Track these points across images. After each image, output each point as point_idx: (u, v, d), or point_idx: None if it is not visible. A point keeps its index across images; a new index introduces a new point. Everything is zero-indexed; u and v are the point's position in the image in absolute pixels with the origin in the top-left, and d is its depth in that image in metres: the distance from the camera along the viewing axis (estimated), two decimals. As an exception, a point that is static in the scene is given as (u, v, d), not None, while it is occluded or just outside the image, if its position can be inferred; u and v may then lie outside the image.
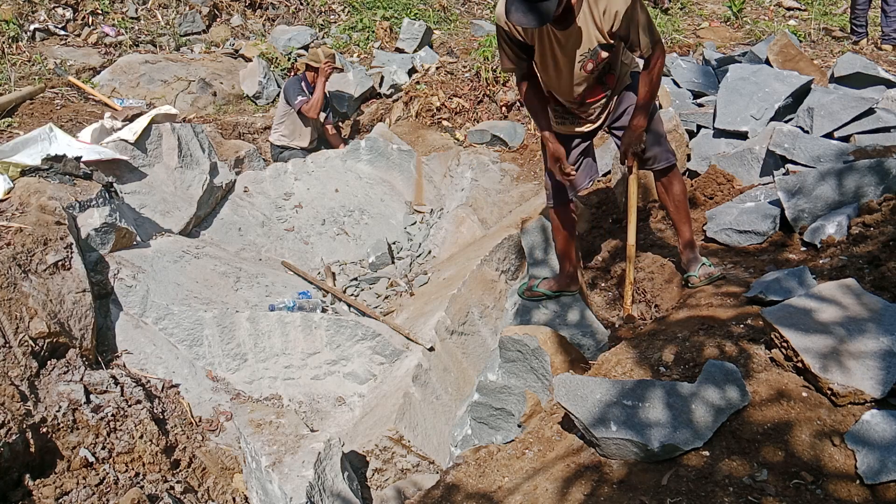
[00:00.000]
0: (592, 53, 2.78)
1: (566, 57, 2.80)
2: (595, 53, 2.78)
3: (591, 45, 2.75)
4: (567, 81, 2.89)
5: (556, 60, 2.83)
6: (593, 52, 2.77)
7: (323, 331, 3.61)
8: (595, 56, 2.79)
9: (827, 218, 3.00)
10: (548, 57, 2.84)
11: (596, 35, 2.72)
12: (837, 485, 1.65)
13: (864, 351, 1.87)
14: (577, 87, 2.91)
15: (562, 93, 2.98)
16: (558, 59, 2.82)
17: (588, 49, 2.76)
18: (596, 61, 2.81)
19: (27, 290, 2.94)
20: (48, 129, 4.02)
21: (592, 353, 3.17)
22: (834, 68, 4.62)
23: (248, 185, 5.14)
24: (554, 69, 2.87)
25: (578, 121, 3.11)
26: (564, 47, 2.77)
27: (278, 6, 8.40)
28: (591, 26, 2.70)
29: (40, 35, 6.58)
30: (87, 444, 2.71)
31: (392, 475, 3.09)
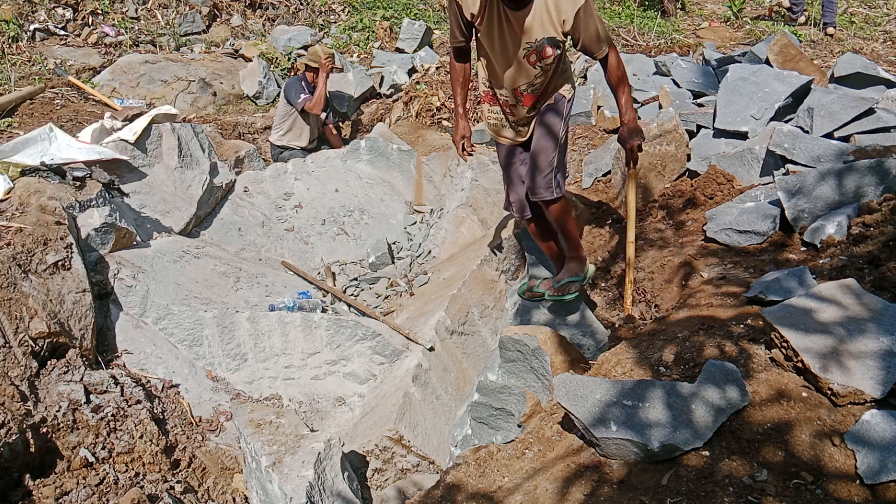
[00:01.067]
0: (539, 45, 2.75)
1: (513, 42, 2.77)
2: (541, 46, 2.75)
3: (540, 36, 2.72)
4: (509, 69, 2.87)
5: (504, 42, 2.79)
6: (540, 43, 2.74)
7: (323, 331, 3.61)
8: (541, 49, 2.76)
9: (827, 218, 3.00)
10: (495, 38, 2.80)
11: (547, 27, 2.69)
12: (837, 485, 1.65)
13: (864, 351, 1.87)
14: (517, 77, 2.89)
15: (501, 79, 2.95)
16: (506, 42, 2.78)
17: (535, 39, 2.73)
18: (540, 55, 2.78)
19: (27, 290, 2.94)
20: (48, 129, 4.02)
21: (592, 353, 3.17)
22: (834, 68, 4.62)
23: (248, 185, 5.14)
24: (500, 51, 2.83)
25: (517, 127, 3.12)
26: (513, 30, 2.73)
27: (278, 6, 8.40)
28: (544, 16, 2.67)
29: (40, 35, 6.58)
30: (87, 444, 2.71)
31: (392, 475, 3.09)
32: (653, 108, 4.96)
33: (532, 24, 2.68)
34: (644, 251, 3.71)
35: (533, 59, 2.79)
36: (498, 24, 2.74)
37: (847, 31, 6.83)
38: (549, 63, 2.84)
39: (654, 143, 4.21)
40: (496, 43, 2.81)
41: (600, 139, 5.14)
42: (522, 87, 2.93)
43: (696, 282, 3.14)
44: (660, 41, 6.58)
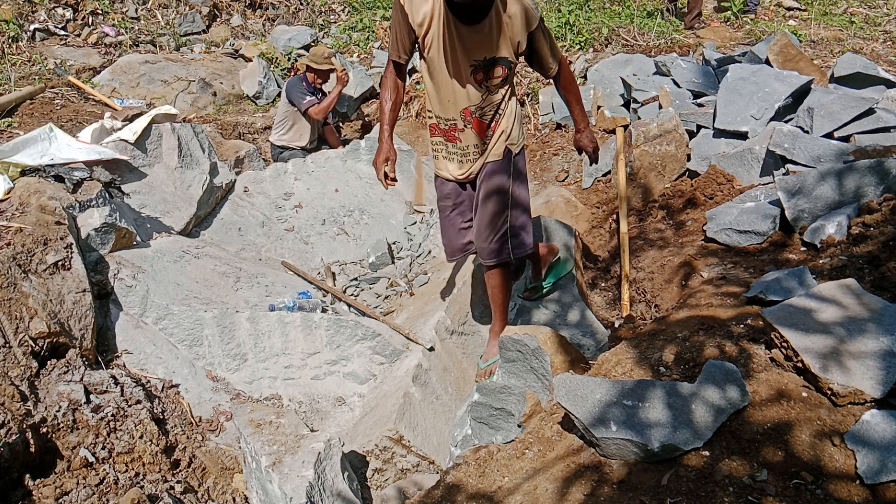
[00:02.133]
0: (488, 63, 2.58)
1: (462, 58, 2.58)
2: (491, 65, 2.59)
3: (491, 54, 2.56)
4: (455, 89, 2.67)
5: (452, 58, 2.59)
6: (490, 62, 2.58)
7: (323, 331, 3.61)
8: (490, 68, 2.60)
9: (827, 218, 3.00)
10: (441, 53, 2.59)
11: (500, 45, 2.54)
12: (837, 485, 1.65)
13: (864, 351, 1.87)
14: (463, 98, 2.69)
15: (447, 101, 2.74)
16: (454, 58, 2.58)
17: (485, 57, 2.57)
18: (488, 74, 2.61)
19: (27, 290, 2.94)
20: (48, 129, 4.02)
21: (592, 353, 3.17)
22: (834, 68, 4.62)
23: (248, 185, 5.14)
24: (446, 68, 2.63)
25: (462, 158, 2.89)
26: (463, 46, 2.55)
27: (278, 6, 8.40)
28: (497, 34, 2.52)
29: (40, 35, 6.59)
30: (87, 444, 2.71)
31: (392, 475, 3.09)
32: (653, 108, 4.97)
33: (483, 42, 2.52)
34: (644, 251, 3.72)
35: (479, 78, 2.62)
36: (447, 38, 2.54)
37: (847, 31, 6.83)
38: (496, 84, 2.67)
39: (654, 142, 4.21)
40: (443, 59, 2.60)
41: (600, 139, 5.14)
42: (472, 108, 2.73)
43: (696, 282, 3.14)
44: (660, 41, 6.58)
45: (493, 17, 2.47)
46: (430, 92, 2.78)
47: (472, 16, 2.47)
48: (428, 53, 2.63)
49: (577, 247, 3.90)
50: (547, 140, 5.48)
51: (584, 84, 5.86)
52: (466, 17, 2.47)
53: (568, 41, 6.64)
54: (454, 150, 2.88)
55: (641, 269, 3.58)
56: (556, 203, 4.45)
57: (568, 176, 5.06)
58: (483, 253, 3.00)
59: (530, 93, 5.98)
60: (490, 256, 2.98)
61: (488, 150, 2.86)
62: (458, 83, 2.65)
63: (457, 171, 2.93)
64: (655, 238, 3.78)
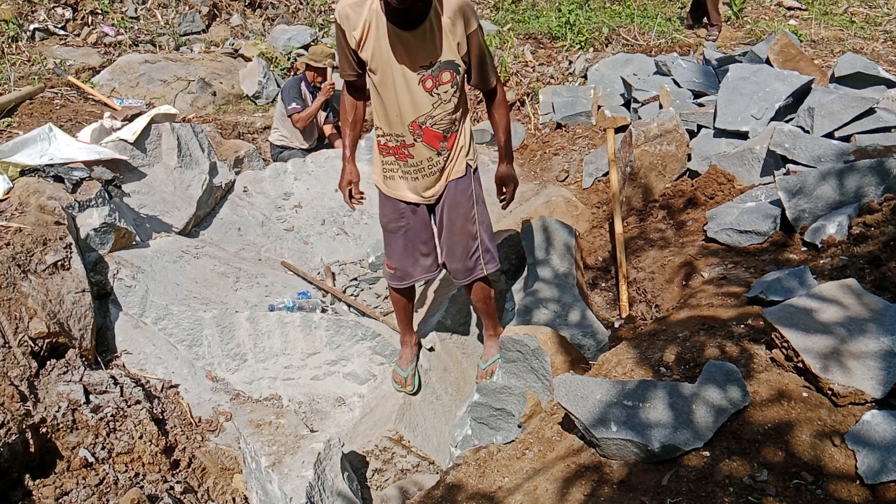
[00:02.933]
0: (436, 69, 2.50)
1: (408, 65, 2.49)
2: (438, 69, 2.50)
3: (436, 59, 2.48)
4: (404, 101, 2.57)
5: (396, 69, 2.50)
6: (437, 66, 2.50)
7: (323, 331, 3.61)
8: (438, 74, 2.51)
9: (828, 218, 3.00)
10: (385, 65, 2.50)
11: (444, 49, 2.46)
12: (838, 485, 1.65)
13: (864, 351, 1.87)
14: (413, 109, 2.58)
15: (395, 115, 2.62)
16: (399, 68, 2.49)
17: (431, 62, 2.48)
18: (436, 80, 2.52)
19: (27, 290, 2.93)
20: (48, 129, 4.02)
21: (593, 353, 3.16)
22: (834, 68, 4.62)
23: (247, 185, 5.14)
24: (392, 80, 2.53)
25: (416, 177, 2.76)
26: (407, 53, 2.46)
27: (278, 6, 8.40)
28: (440, 37, 2.44)
29: (40, 35, 6.58)
30: (86, 445, 2.70)
31: (392, 475, 3.09)
32: (653, 107, 4.96)
33: (426, 46, 2.45)
34: (645, 251, 3.71)
35: (429, 86, 2.53)
36: (388, 47, 2.46)
37: (847, 30, 6.82)
38: (446, 91, 2.57)
39: (654, 142, 4.20)
40: (387, 69, 2.51)
41: (600, 139, 5.14)
42: (420, 119, 2.60)
43: (697, 282, 3.14)
44: (660, 41, 6.58)
45: (433, 19, 2.41)
46: (376, 108, 2.67)
47: (411, 21, 2.40)
48: (371, 66, 2.53)
49: (577, 247, 3.90)
50: (547, 140, 5.47)
51: (584, 84, 5.85)
52: (405, 23, 2.40)
53: (568, 41, 6.64)
54: (408, 169, 2.75)
55: (642, 268, 3.58)
56: (556, 203, 4.45)
57: (568, 176, 5.06)
58: (459, 274, 2.98)
59: (530, 93, 5.98)
60: (466, 275, 2.98)
61: (450, 167, 2.78)
62: (405, 93, 2.55)
63: (421, 192, 2.80)
64: (656, 238, 3.78)
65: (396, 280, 3.03)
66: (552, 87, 5.77)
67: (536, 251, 3.85)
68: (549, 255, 3.78)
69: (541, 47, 6.78)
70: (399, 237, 2.93)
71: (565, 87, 5.74)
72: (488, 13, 8.75)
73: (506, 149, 2.85)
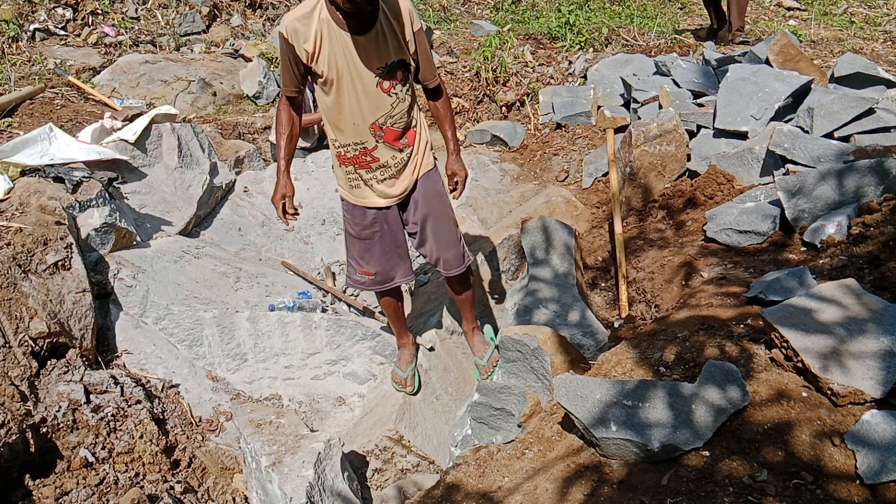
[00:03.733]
0: (390, 68, 2.55)
1: (364, 69, 2.51)
2: (393, 70, 2.56)
3: (390, 59, 2.53)
4: (363, 105, 2.59)
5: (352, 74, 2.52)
6: (392, 66, 2.55)
7: (323, 331, 3.61)
8: (393, 72, 2.56)
9: (827, 218, 3.00)
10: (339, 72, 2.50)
11: (395, 48, 2.52)
12: (837, 485, 1.65)
13: (864, 351, 1.87)
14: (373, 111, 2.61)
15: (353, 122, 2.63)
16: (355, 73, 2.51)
17: (386, 63, 2.53)
18: (393, 81, 2.58)
19: (27, 290, 2.94)
20: (48, 129, 4.02)
21: (592, 353, 3.17)
22: (834, 68, 4.62)
23: (248, 185, 5.14)
24: (349, 86, 2.54)
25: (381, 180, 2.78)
26: (361, 58, 2.49)
27: (278, 6, 8.40)
28: (390, 37, 2.50)
29: (40, 35, 6.58)
30: (87, 444, 2.71)
31: (392, 475, 3.09)
32: (653, 108, 4.96)
33: (380, 48, 2.49)
34: (644, 251, 3.71)
35: (386, 87, 2.57)
36: (343, 55, 2.47)
37: (847, 31, 6.83)
38: (401, 89, 2.63)
39: (654, 143, 4.21)
40: (344, 76, 2.51)
41: (600, 139, 5.14)
42: (380, 120, 2.64)
43: (697, 282, 3.14)
44: (660, 41, 6.58)
45: (382, 21, 2.47)
46: (330, 119, 2.66)
47: (363, 24, 2.43)
48: (325, 77, 2.52)
49: (576, 247, 3.90)
50: (547, 140, 5.48)
51: (584, 84, 5.86)
52: (358, 28, 2.43)
53: (568, 41, 6.64)
54: (373, 174, 2.76)
55: (641, 269, 3.58)
56: (556, 203, 4.45)
57: (568, 176, 5.06)
58: (452, 263, 3.01)
59: (530, 93, 5.98)
60: (458, 263, 3.02)
61: (417, 160, 2.83)
62: (364, 98, 2.57)
63: (389, 192, 2.82)
64: (655, 238, 3.78)
65: (377, 284, 3.02)
66: (552, 88, 5.77)
67: (536, 251, 3.85)
68: (548, 255, 3.78)
69: (541, 47, 6.78)
70: (375, 243, 2.94)
71: (565, 87, 5.74)
72: (488, 13, 8.76)
73: (453, 141, 2.91)
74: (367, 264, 2.98)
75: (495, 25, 7.70)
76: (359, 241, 2.94)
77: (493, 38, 6.50)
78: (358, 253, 2.97)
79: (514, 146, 5.56)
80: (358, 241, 2.95)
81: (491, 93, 6.15)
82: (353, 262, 3.03)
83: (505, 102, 6.00)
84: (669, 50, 6.25)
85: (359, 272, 3.02)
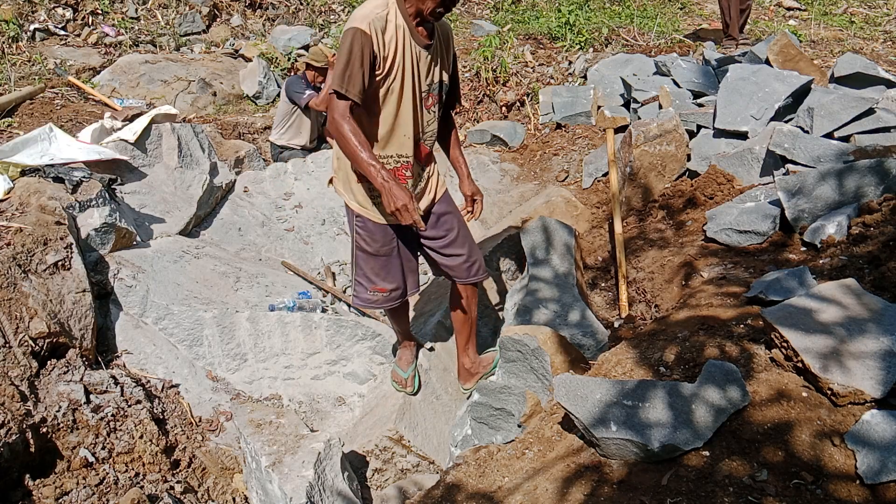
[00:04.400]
0: (438, 86, 2.57)
1: (420, 84, 2.50)
2: (439, 87, 2.58)
3: (440, 76, 2.55)
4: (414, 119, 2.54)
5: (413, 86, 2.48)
6: (439, 84, 2.57)
7: (323, 331, 3.61)
8: (437, 91, 2.58)
9: (827, 218, 3.00)
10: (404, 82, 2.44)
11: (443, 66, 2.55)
12: (837, 485, 1.65)
13: (864, 351, 1.87)
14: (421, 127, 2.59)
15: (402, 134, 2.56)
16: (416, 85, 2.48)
17: (436, 80, 2.55)
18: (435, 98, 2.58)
19: (27, 290, 2.94)
20: (48, 129, 4.02)
21: (592, 353, 3.16)
22: (834, 68, 4.62)
23: (248, 185, 5.14)
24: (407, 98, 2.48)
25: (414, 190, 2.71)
26: (421, 71, 2.47)
27: (278, 6, 8.40)
28: (442, 55, 2.52)
29: (40, 35, 6.59)
30: (87, 444, 2.71)
31: (392, 475, 3.09)
32: (653, 108, 4.96)
33: (434, 64, 2.51)
34: (644, 251, 3.72)
35: (430, 103, 2.57)
36: (410, 66, 2.43)
37: (847, 31, 6.83)
38: (438, 106, 2.64)
39: (654, 143, 4.21)
40: (406, 88, 2.45)
41: (600, 139, 5.14)
42: (421, 136, 2.62)
43: (697, 282, 3.14)
44: (660, 41, 6.58)
45: (439, 38, 2.50)
46: (375, 129, 2.51)
47: (429, 38, 2.43)
48: (389, 85, 2.42)
49: (576, 247, 3.90)
50: (547, 140, 5.48)
51: (584, 84, 5.86)
52: (424, 41, 2.42)
53: (568, 41, 6.64)
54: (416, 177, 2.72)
55: (641, 269, 3.58)
56: (556, 203, 4.45)
57: (568, 176, 5.06)
58: (477, 267, 2.98)
59: (530, 93, 5.98)
60: (482, 268, 3.01)
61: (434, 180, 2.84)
62: (418, 111, 2.53)
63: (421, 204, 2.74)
64: (655, 238, 3.78)
65: (392, 301, 2.90)
66: (552, 88, 5.78)
67: (536, 251, 3.85)
68: (548, 255, 3.78)
69: (541, 47, 6.78)
70: (394, 258, 2.82)
71: (565, 87, 5.74)
72: (488, 13, 8.76)
73: (465, 164, 2.96)
74: (384, 281, 2.83)
75: (495, 25, 7.70)
76: (376, 258, 2.79)
77: (493, 38, 6.50)
78: (373, 271, 2.82)
79: (514, 146, 5.56)
80: (374, 258, 2.79)
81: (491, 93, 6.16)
82: (363, 280, 2.86)
83: (505, 102, 6.01)
84: (669, 50, 6.25)
85: (371, 290, 2.87)
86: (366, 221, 2.70)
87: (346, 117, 2.37)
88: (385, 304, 2.92)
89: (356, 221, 2.74)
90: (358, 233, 2.75)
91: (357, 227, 2.75)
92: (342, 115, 2.37)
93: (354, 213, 2.72)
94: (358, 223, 2.73)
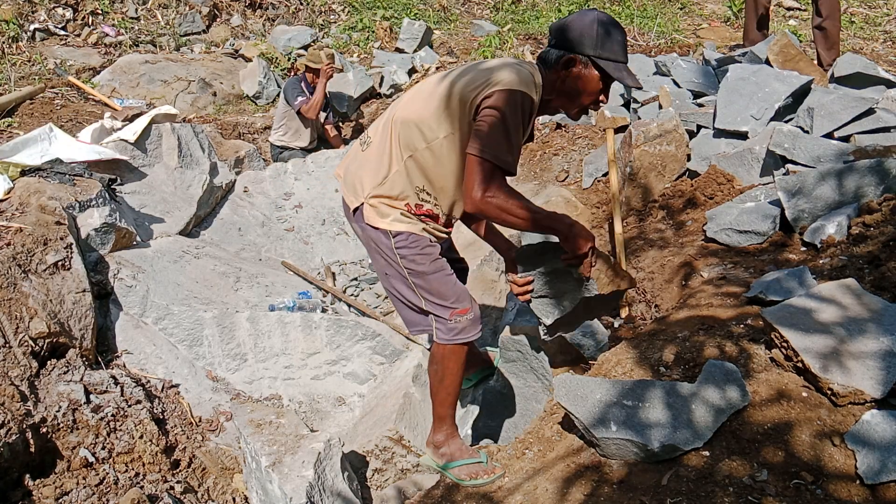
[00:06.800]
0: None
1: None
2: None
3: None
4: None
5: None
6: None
7: (323, 331, 3.61)
8: None
9: (827, 218, 3.00)
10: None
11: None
12: (837, 485, 1.65)
13: (864, 351, 1.87)
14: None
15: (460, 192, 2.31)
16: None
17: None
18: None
19: (27, 290, 2.94)
20: (48, 129, 4.02)
21: (592, 353, 3.16)
22: (834, 68, 4.62)
23: (248, 185, 5.14)
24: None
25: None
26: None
27: (278, 6, 8.40)
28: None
29: (40, 35, 6.59)
30: (87, 444, 2.71)
31: (392, 475, 3.09)
32: (653, 108, 4.96)
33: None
34: (644, 251, 3.71)
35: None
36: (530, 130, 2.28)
37: (847, 31, 6.83)
38: None
39: (654, 143, 4.20)
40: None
41: (600, 139, 5.14)
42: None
43: (697, 282, 3.14)
44: (660, 41, 6.58)
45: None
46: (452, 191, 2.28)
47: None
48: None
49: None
50: (547, 140, 5.48)
51: (584, 84, 5.84)
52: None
53: (568, 41, 6.63)
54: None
55: (641, 269, 3.58)
56: (556, 203, 4.45)
57: (568, 176, 5.06)
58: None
59: (530, 93, 5.97)
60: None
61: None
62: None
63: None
64: (655, 238, 3.78)
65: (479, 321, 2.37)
66: (552, 88, 5.76)
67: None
68: (548, 256, 3.78)
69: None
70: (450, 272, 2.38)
71: (565, 87, 5.73)
72: (488, 13, 8.76)
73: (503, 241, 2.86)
74: (461, 301, 2.32)
75: (495, 25, 7.70)
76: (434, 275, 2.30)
77: (493, 38, 6.50)
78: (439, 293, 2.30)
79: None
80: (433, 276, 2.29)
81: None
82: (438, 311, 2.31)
83: (505, 102, 6.00)
84: (669, 50, 6.25)
85: (455, 315, 2.30)
86: (411, 235, 2.27)
87: (501, 192, 2.08)
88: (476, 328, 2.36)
89: (396, 243, 2.26)
90: (402, 255, 2.27)
91: (399, 251, 2.27)
92: (493, 188, 2.06)
93: (392, 235, 2.25)
94: (398, 243, 2.26)
